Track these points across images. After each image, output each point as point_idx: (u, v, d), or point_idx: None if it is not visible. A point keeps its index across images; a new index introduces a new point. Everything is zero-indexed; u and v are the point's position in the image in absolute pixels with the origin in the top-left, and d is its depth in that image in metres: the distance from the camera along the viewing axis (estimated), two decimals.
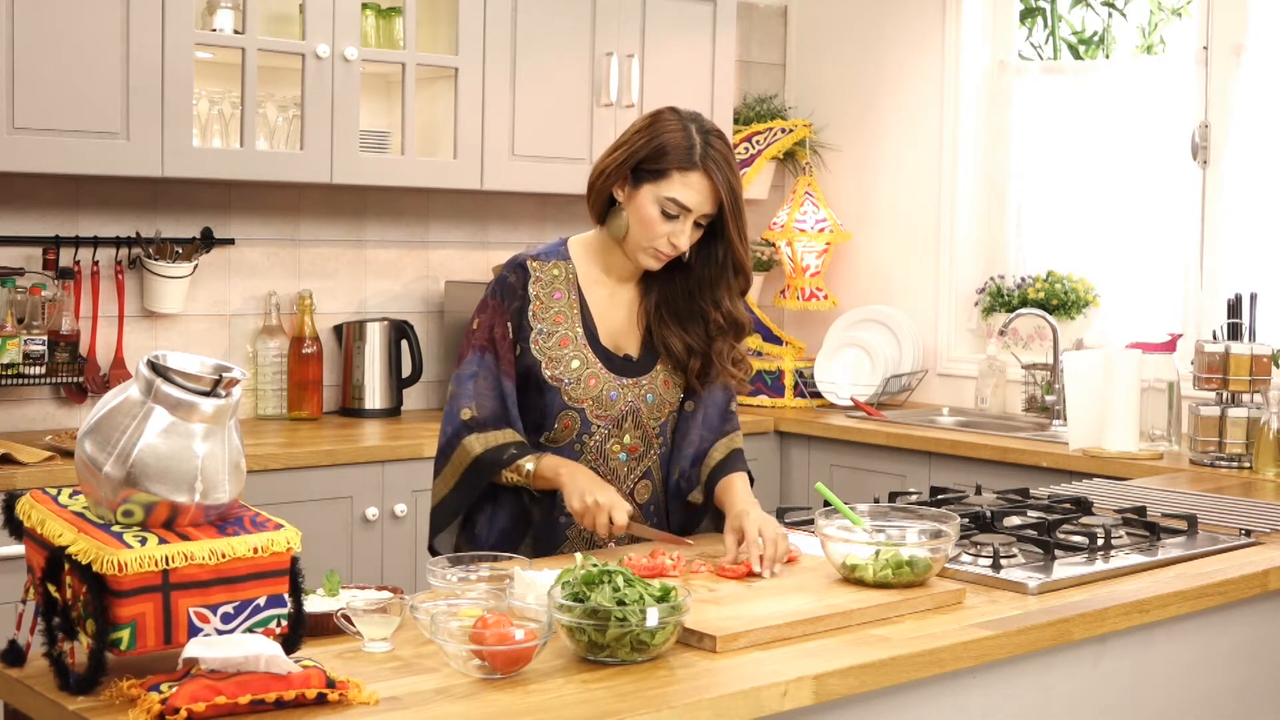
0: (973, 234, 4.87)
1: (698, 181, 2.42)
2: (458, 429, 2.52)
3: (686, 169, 2.41)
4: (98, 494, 1.71)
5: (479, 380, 2.51)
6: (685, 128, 2.44)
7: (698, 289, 2.54)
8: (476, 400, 2.51)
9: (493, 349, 2.52)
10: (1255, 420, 3.58)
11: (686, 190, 2.42)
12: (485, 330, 2.54)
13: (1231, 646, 2.49)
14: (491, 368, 2.51)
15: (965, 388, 4.76)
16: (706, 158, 2.41)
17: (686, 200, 2.42)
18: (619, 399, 2.54)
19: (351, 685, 1.66)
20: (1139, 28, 4.97)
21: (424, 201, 4.46)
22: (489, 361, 2.52)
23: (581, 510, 2.41)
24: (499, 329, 2.52)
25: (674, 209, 2.42)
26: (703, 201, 2.43)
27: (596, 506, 2.39)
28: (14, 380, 3.62)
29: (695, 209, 2.43)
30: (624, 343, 2.58)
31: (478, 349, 2.53)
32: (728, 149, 2.45)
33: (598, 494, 2.41)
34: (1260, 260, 4.17)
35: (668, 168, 2.42)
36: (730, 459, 2.61)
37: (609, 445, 2.55)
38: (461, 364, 2.55)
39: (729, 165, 2.43)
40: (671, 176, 2.42)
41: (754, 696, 1.75)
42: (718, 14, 4.61)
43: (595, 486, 2.43)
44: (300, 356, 4.12)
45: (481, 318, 2.55)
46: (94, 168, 3.56)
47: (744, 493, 2.52)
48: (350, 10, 3.89)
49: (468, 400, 2.51)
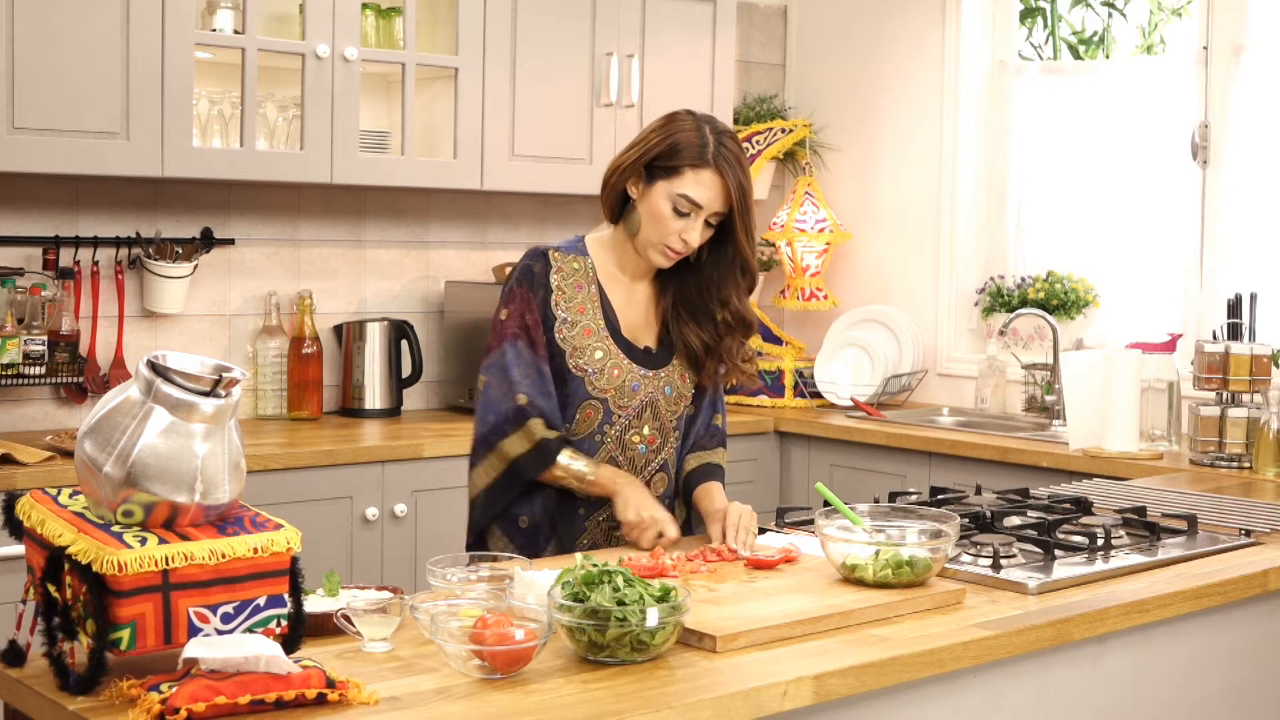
0: (973, 234, 4.87)
1: (710, 179, 2.45)
2: (508, 414, 2.50)
3: (699, 166, 2.45)
4: (98, 494, 1.71)
5: (519, 368, 2.51)
6: (699, 127, 2.49)
7: (708, 288, 2.59)
8: (527, 385, 2.51)
9: (526, 336, 2.53)
10: (1255, 420, 3.58)
11: (699, 187, 2.45)
12: (517, 318, 2.54)
13: (1231, 646, 2.49)
14: (527, 355, 2.52)
15: (965, 388, 4.76)
16: (719, 156, 2.46)
17: (698, 197, 2.45)
18: (640, 390, 2.58)
19: (351, 685, 1.66)
20: (1139, 28, 4.97)
21: (424, 201, 4.46)
22: (523, 349, 2.52)
23: (635, 523, 2.47)
24: (530, 316, 2.54)
25: (686, 206, 2.46)
26: (714, 199, 2.46)
27: (652, 521, 2.47)
28: (14, 380, 3.62)
29: (706, 206, 2.46)
30: (642, 336, 2.62)
31: (511, 337, 2.53)
32: (740, 150, 2.50)
33: (654, 510, 2.48)
34: (1260, 260, 4.17)
35: (680, 165, 2.46)
36: (705, 470, 2.68)
37: (629, 436, 2.58)
38: (492, 354, 2.55)
39: (740, 165, 2.48)
40: (684, 174, 2.46)
41: (754, 696, 1.75)
42: (718, 14, 4.61)
43: (651, 503, 2.50)
44: (300, 356, 4.12)
45: (510, 307, 2.56)
46: (94, 168, 3.56)
47: (719, 495, 2.62)
48: (350, 10, 3.89)
49: (519, 387, 2.50)
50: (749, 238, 2.52)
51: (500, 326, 2.55)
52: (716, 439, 2.73)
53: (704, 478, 2.67)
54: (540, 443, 2.50)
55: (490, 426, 2.53)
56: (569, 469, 2.51)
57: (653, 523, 2.46)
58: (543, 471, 2.52)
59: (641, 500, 2.49)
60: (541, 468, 2.52)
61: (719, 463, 2.71)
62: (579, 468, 2.51)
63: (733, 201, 2.47)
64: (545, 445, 2.50)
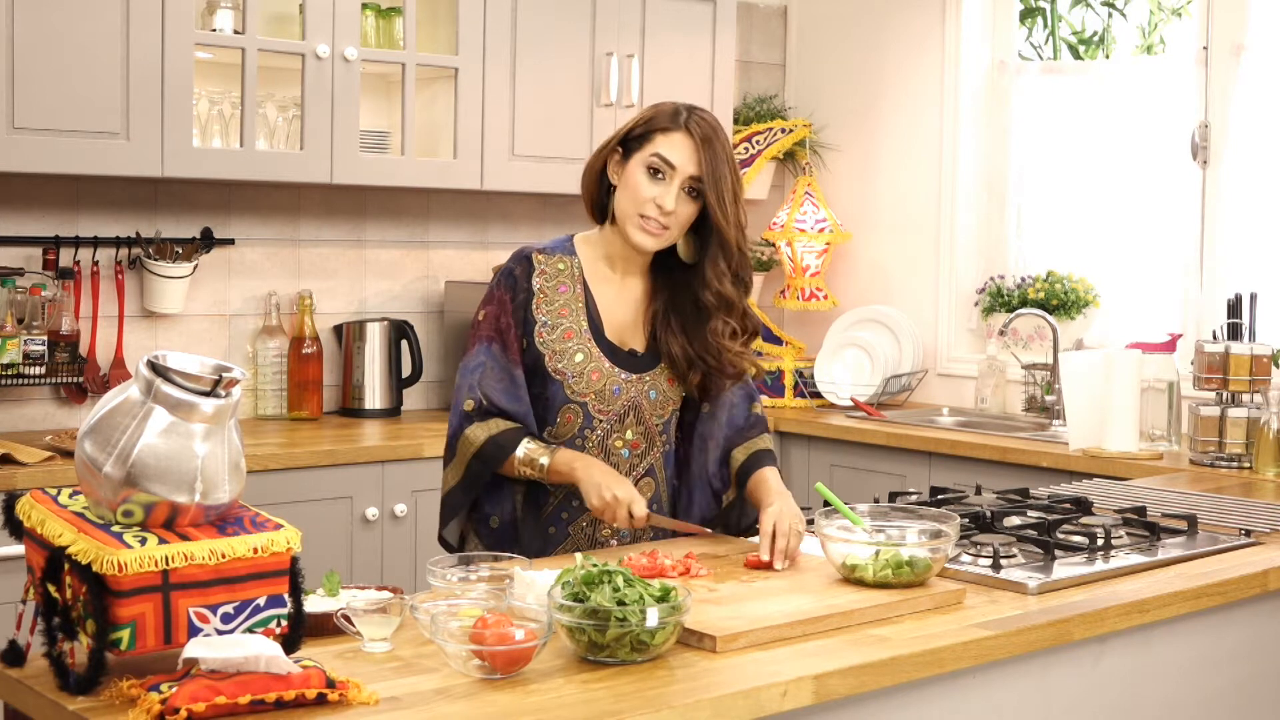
0: (973, 234, 4.87)
1: (680, 139, 2.48)
2: (461, 420, 2.53)
3: (670, 130, 2.49)
4: (98, 494, 1.71)
5: (485, 371, 2.52)
6: (675, 105, 2.53)
7: (697, 282, 2.54)
8: (482, 390, 2.52)
9: (500, 340, 2.53)
10: (1255, 420, 3.58)
11: (670, 147, 2.47)
12: (491, 321, 2.55)
13: (1231, 646, 2.49)
14: (499, 358, 2.53)
15: (965, 388, 4.76)
16: (690, 121, 2.49)
17: (670, 155, 2.46)
18: (621, 393, 2.56)
19: (351, 685, 1.66)
20: (1139, 28, 4.98)
21: (424, 201, 4.46)
22: (495, 352, 2.53)
23: (601, 506, 2.44)
24: (504, 320, 2.54)
25: (659, 164, 2.47)
26: (686, 160, 2.47)
27: (616, 501, 2.43)
28: (14, 380, 3.62)
29: (679, 166, 2.46)
30: (629, 338, 2.59)
31: (484, 340, 2.55)
32: (716, 124, 2.52)
33: (615, 489, 2.44)
34: (1260, 260, 4.17)
35: (653, 130, 2.50)
36: (755, 457, 2.65)
37: (611, 440, 2.57)
38: (467, 355, 2.57)
39: (715, 134, 2.49)
40: (655, 138, 2.49)
41: (754, 696, 1.75)
42: (718, 14, 4.61)
43: (613, 481, 2.46)
44: (300, 356, 4.12)
45: (487, 309, 2.57)
46: (94, 168, 3.56)
47: (775, 486, 2.57)
48: (350, 10, 3.89)
49: (471, 391, 2.53)
50: (724, 211, 2.47)
51: (475, 328, 2.57)
52: (759, 427, 2.70)
53: (755, 465, 2.63)
54: (493, 436, 2.49)
55: (452, 430, 2.55)
56: (525, 458, 2.50)
57: (617, 502, 2.42)
58: (500, 465, 2.51)
59: (603, 479, 2.45)
60: (497, 462, 2.51)
61: (767, 447, 2.67)
62: (534, 454, 2.49)
63: (702, 166, 2.46)
64: (499, 439, 2.49)
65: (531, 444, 2.51)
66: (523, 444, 2.50)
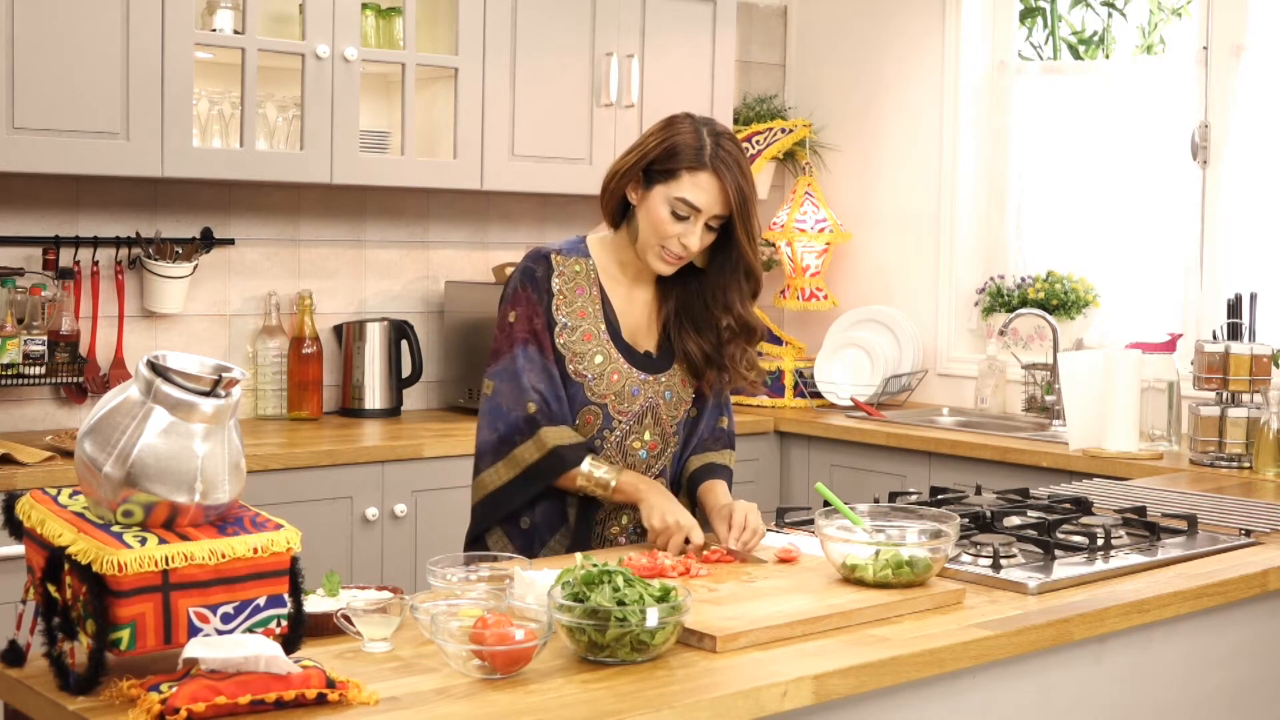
0: (973, 234, 4.87)
1: (707, 182, 2.43)
2: (518, 424, 2.49)
3: (696, 169, 2.43)
4: (98, 494, 1.71)
5: (531, 374, 2.50)
6: (697, 130, 2.46)
7: (711, 295, 2.55)
8: (537, 393, 2.49)
9: (535, 341, 2.51)
10: (1255, 420, 3.58)
11: (696, 190, 2.43)
12: (525, 322, 2.52)
13: (1231, 646, 2.49)
14: (537, 360, 2.50)
15: (965, 388, 4.76)
16: (716, 158, 2.43)
17: (696, 200, 2.43)
18: (640, 395, 2.56)
19: (351, 685, 1.66)
20: (1139, 28, 4.98)
21: (424, 202, 4.46)
22: (533, 354, 2.51)
23: (661, 529, 2.44)
24: (537, 321, 2.51)
25: (684, 209, 2.43)
26: (712, 202, 2.44)
27: (677, 527, 2.43)
28: (14, 380, 3.62)
29: (705, 209, 2.44)
30: (643, 340, 2.60)
31: (521, 341, 2.51)
32: (739, 152, 2.47)
33: (679, 516, 2.45)
34: (1260, 260, 4.17)
35: (677, 168, 2.43)
36: (708, 469, 2.65)
37: (629, 442, 2.57)
38: (502, 359, 2.52)
39: (739, 167, 2.44)
40: (681, 177, 2.43)
41: (754, 696, 1.75)
42: (718, 14, 4.61)
43: (675, 508, 2.47)
44: (300, 356, 4.12)
45: (518, 310, 2.53)
46: (94, 168, 3.56)
47: (724, 493, 2.59)
48: (350, 10, 3.89)
49: (527, 394, 2.49)
50: (751, 241, 2.49)
51: (510, 330, 2.53)
52: (722, 441, 2.70)
53: (707, 476, 2.63)
54: (552, 451, 2.48)
55: (501, 435, 2.51)
56: (591, 477, 2.49)
57: (678, 528, 2.43)
58: (556, 478, 2.50)
59: (666, 506, 2.46)
60: (555, 475, 2.49)
61: (725, 463, 2.67)
62: (601, 475, 2.49)
63: (732, 204, 2.44)
64: (558, 453, 2.48)
65: (595, 463, 2.50)
66: (587, 460, 2.50)
